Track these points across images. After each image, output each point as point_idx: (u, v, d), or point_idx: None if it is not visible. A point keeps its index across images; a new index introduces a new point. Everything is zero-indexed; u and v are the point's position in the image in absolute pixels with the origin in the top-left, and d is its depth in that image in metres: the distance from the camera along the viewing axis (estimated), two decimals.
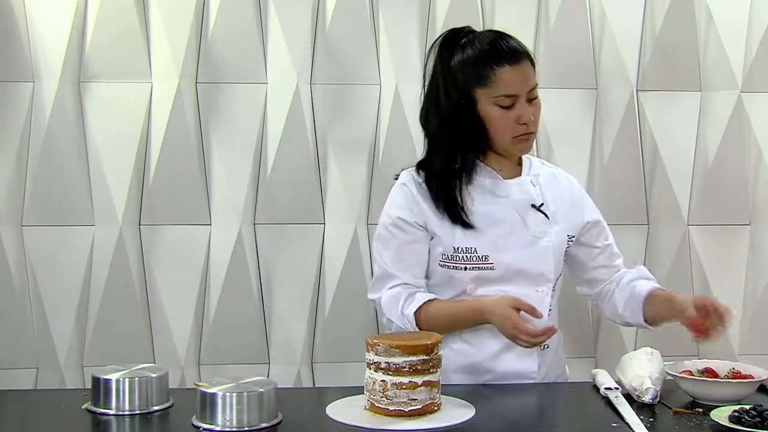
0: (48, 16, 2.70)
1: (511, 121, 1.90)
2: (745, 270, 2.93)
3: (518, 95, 1.89)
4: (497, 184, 1.96)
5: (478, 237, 1.90)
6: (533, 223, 1.94)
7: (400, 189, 1.98)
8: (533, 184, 1.98)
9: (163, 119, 2.73)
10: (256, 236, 2.79)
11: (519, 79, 1.89)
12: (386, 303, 1.94)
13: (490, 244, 1.90)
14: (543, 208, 1.96)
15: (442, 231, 1.92)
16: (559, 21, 2.85)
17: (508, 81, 1.88)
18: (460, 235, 1.91)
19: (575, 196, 2.05)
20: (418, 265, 1.95)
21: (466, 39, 1.95)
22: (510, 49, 1.91)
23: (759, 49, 2.87)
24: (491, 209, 1.93)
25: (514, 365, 1.93)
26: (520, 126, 1.90)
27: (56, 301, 2.72)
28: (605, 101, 2.89)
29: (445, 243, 1.92)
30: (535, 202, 1.96)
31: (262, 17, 2.79)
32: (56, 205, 2.71)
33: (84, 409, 1.62)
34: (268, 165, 2.78)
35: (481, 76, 1.89)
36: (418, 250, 1.94)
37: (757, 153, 2.91)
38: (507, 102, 1.89)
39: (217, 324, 2.78)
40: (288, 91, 2.77)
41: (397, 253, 1.95)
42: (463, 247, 1.90)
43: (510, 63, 1.89)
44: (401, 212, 1.95)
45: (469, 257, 1.90)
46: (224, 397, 1.50)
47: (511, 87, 1.89)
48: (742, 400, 1.66)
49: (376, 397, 1.57)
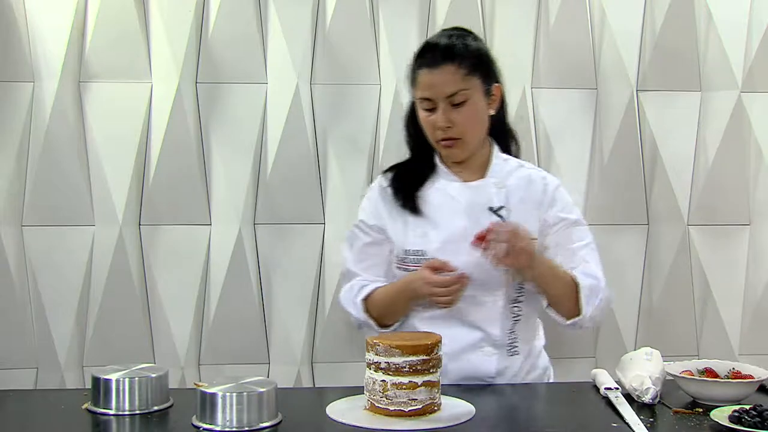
0: (48, 16, 2.70)
1: (431, 125, 1.91)
2: (745, 270, 2.93)
3: (433, 99, 1.89)
4: (454, 187, 1.96)
5: (429, 240, 1.92)
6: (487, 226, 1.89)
7: (368, 192, 2.06)
8: (497, 186, 1.95)
9: (163, 119, 2.74)
10: (256, 236, 2.79)
11: (434, 83, 1.88)
12: (343, 296, 2.00)
13: (439, 248, 1.90)
14: (500, 212, 1.93)
15: (396, 234, 1.96)
16: (559, 21, 2.85)
17: (424, 84, 1.90)
18: (411, 238, 1.93)
19: (547, 198, 1.98)
20: (377, 265, 1.99)
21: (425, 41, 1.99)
22: (433, 53, 1.90)
23: (759, 49, 2.87)
24: (445, 212, 1.94)
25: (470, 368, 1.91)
26: (438, 131, 1.90)
27: (56, 301, 2.72)
28: (605, 101, 2.89)
29: (398, 245, 1.95)
30: (493, 204, 1.93)
31: (262, 17, 2.79)
32: (56, 205, 2.71)
33: (84, 409, 1.62)
34: (268, 165, 2.78)
35: (411, 78, 1.94)
36: (376, 252, 1.99)
37: (757, 153, 2.91)
38: (426, 105, 1.91)
39: (217, 324, 2.78)
40: (288, 91, 2.77)
41: (359, 254, 2.01)
42: (413, 250, 1.93)
43: (429, 66, 1.89)
44: (363, 215, 2.02)
45: (418, 260, 1.91)
46: (224, 397, 1.50)
47: (426, 90, 1.89)
48: (742, 400, 1.66)
49: (376, 397, 1.57)
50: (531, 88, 2.86)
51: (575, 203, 2.83)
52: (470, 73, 1.89)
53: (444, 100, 1.88)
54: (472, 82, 1.89)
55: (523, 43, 2.86)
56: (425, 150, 1.99)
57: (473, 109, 1.90)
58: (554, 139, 2.87)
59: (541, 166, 2.85)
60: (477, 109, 1.91)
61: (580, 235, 1.98)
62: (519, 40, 2.85)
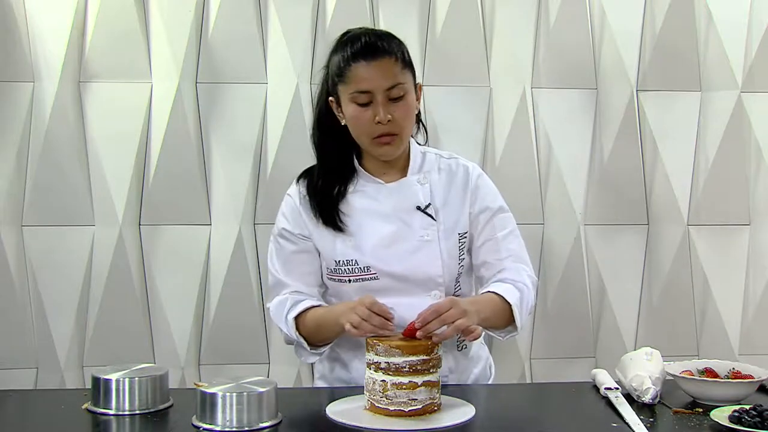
0: (48, 16, 2.70)
1: (367, 120, 1.82)
2: (745, 270, 2.93)
3: (373, 92, 1.81)
4: (378, 189, 1.90)
5: (359, 248, 1.86)
6: (419, 226, 1.87)
7: (285, 200, 1.95)
8: (420, 183, 1.91)
9: (163, 119, 2.74)
10: (256, 236, 2.79)
11: (374, 75, 1.80)
12: (273, 309, 1.90)
13: (370, 254, 1.85)
14: (429, 210, 1.89)
15: (323, 244, 1.89)
16: (559, 21, 2.85)
17: (362, 77, 1.80)
18: (340, 248, 1.87)
19: (471, 187, 1.93)
20: (308, 274, 1.91)
21: (345, 37, 1.88)
22: (368, 45, 1.82)
23: (759, 49, 2.87)
24: (371, 217, 1.87)
25: None
26: (377, 126, 1.81)
27: (56, 301, 2.72)
28: (605, 101, 2.89)
29: (327, 257, 1.88)
30: (421, 203, 1.89)
31: (262, 17, 2.79)
32: (56, 205, 2.71)
33: (84, 409, 1.62)
34: (268, 165, 2.78)
35: (340, 72, 1.83)
36: (305, 260, 1.91)
37: (757, 153, 2.91)
38: (362, 99, 1.81)
39: (217, 324, 2.78)
40: (288, 91, 2.77)
41: (286, 263, 1.91)
42: (344, 260, 1.86)
43: (366, 58, 1.81)
44: (286, 224, 1.92)
45: (351, 269, 1.86)
46: (224, 397, 1.50)
47: (364, 83, 1.80)
48: (742, 400, 1.66)
49: (376, 397, 1.57)
50: (531, 88, 2.86)
51: (575, 203, 2.87)
52: (404, 68, 1.85)
53: (382, 94, 1.80)
54: (407, 76, 1.85)
55: (523, 43, 2.86)
56: (341, 154, 1.92)
57: (408, 104, 1.84)
58: (554, 139, 2.87)
59: (541, 166, 2.87)
60: (411, 104, 1.85)
61: (504, 224, 1.94)
62: (519, 40, 2.85)
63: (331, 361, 1.97)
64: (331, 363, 1.97)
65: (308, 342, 1.85)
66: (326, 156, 1.93)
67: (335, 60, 1.86)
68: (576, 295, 2.89)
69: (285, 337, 1.91)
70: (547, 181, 2.87)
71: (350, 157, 1.93)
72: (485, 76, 2.85)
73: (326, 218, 1.88)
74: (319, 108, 1.94)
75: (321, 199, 1.90)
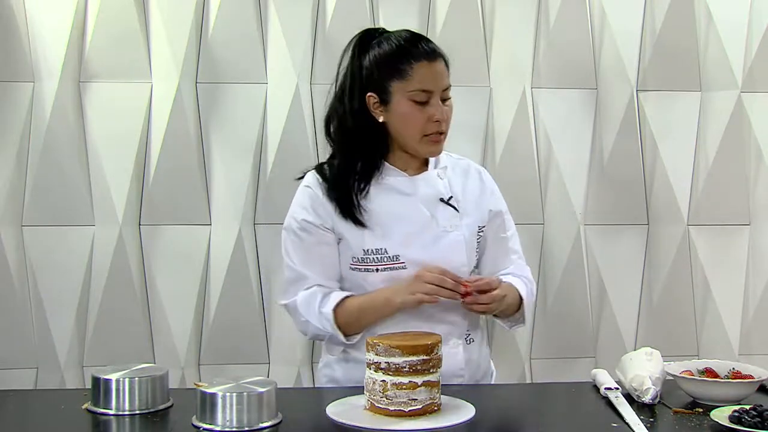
0: (48, 16, 2.70)
1: (423, 118, 1.89)
2: (745, 270, 2.93)
3: (433, 91, 1.89)
4: (403, 182, 1.95)
5: (388, 237, 1.89)
6: (443, 217, 1.93)
7: (304, 191, 1.96)
8: (440, 177, 1.98)
9: (163, 119, 2.74)
10: (256, 236, 2.80)
11: (435, 75, 1.90)
12: (302, 303, 1.91)
13: (400, 243, 1.89)
14: (452, 201, 1.95)
15: (351, 234, 1.90)
16: (559, 21, 2.85)
17: (425, 76, 1.88)
18: (369, 237, 1.89)
19: (485, 187, 2.04)
20: (329, 266, 1.93)
21: (381, 37, 1.95)
22: (429, 47, 1.92)
23: (759, 49, 2.87)
24: (399, 208, 1.92)
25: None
26: (432, 124, 1.89)
27: (56, 301, 2.72)
28: (605, 101, 2.89)
29: (354, 246, 1.90)
30: (443, 195, 1.95)
31: (262, 17, 2.79)
32: (56, 205, 2.71)
33: (84, 409, 1.62)
34: (268, 165, 2.78)
35: (398, 70, 1.89)
36: (326, 252, 1.92)
37: (757, 153, 2.91)
38: (421, 97, 1.88)
39: (217, 324, 2.78)
40: (288, 91, 2.77)
41: (307, 255, 1.92)
42: (373, 249, 1.89)
43: (428, 59, 1.90)
44: (306, 215, 1.93)
45: (380, 258, 1.89)
46: (224, 397, 1.50)
47: (427, 82, 1.88)
48: (742, 400, 1.66)
49: (376, 397, 1.57)
50: (531, 88, 2.86)
51: (575, 203, 2.87)
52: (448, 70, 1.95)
53: (439, 94, 1.90)
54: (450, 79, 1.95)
55: (523, 43, 2.86)
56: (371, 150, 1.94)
57: (452, 107, 1.95)
58: (554, 139, 2.87)
59: (541, 167, 2.87)
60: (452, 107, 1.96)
61: (509, 225, 2.07)
62: (519, 40, 2.85)
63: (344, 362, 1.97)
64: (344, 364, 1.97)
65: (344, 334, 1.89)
66: (354, 152, 1.94)
67: (386, 57, 1.90)
68: (576, 295, 2.89)
69: (312, 330, 1.91)
70: (547, 181, 2.87)
71: (378, 153, 1.95)
72: (485, 76, 2.85)
73: (348, 214, 1.90)
74: (352, 104, 1.93)
75: (342, 194, 1.91)
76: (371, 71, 1.92)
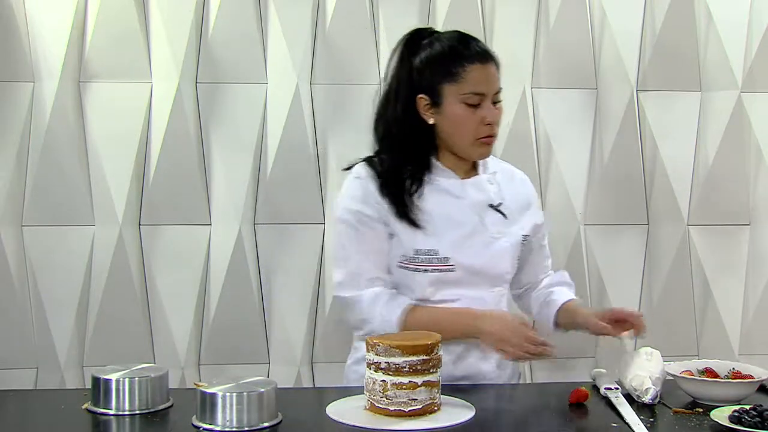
0: (48, 16, 2.70)
1: (476, 121, 1.87)
2: (745, 270, 2.93)
3: (486, 94, 1.87)
4: (454, 185, 1.93)
5: (439, 239, 1.87)
6: (491, 223, 1.92)
7: (357, 183, 1.93)
8: (490, 182, 1.97)
9: (163, 119, 2.74)
10: (256, 236, 2.79)
11: (489, 78, 1.88)
12: (368, 302, 1.87)
13: (451, 246, 1.87)
14: (501, 208, 1.94)
15: (404, 232, 1.88)
16: (559, 21, 2.85)
17: (479, 79, 1.87)
18: (421, 237, 1.87)
19: (529, 195, 2.04)
20: (384, 259, 1.90)
21: (432, 38, 1.93)
22: (481, 49, 1.91)
23: (759, 49, 2.87)
24: (450, 210, 1.90)
25: (473, 368, 1.91)
26: (485, 127, 1.88)
27: (56, 301, 2.72)
28: (605, 101, 2.89)
29: (405, 245, 1.88)
30: (493, 201, 1.94)
31: (262, 17, 2.79)
32: (56, 205, 2.71)
33: (84, 409, 1.62)
34: (268, 165, 2.78)
35: (450, 72, 1.87)
36: (383, 248, 1.89)
37: (757, 153, 2.91)
38: (474, 100, 1.86)
39: (217, 324, 2.78)
40: (288, 91, 2.77)
41: (365, 247, 1.89)
42: (425, 249, 1.87)
43: (482, 62, 1.88)
44: (362, 207, 1.89)
45: (429, 259, 1.87)
46: (224, 397, 1.50)
47: (481, 85, 1.87)
48: (742, 400, 1.66)
49: (376, 397, 1.57)
50: (531, 88, 2.86)
51: (575, 203, 2.87)
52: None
53: (491, 96, 1.89)
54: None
55: (523, 43, 2.86)
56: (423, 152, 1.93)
57: (502, 110, 1.94)
58: (554, 139, 2.87)
59: (541, 167, 2.87)
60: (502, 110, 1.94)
61: (545, 232, 2.09)
62: (519, 40, 2.85)
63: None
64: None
65: None
66: (403, 153, 1.92)
67: (438, 59, 1.88)
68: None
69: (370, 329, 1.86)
70: (547, 181, 2.87)
71: (429, 154, 1.94)
72: None
73: (402, 215, 1.87)
74: (401, 106, 1.91)
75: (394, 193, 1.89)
76: (422, 73, 1.89)
